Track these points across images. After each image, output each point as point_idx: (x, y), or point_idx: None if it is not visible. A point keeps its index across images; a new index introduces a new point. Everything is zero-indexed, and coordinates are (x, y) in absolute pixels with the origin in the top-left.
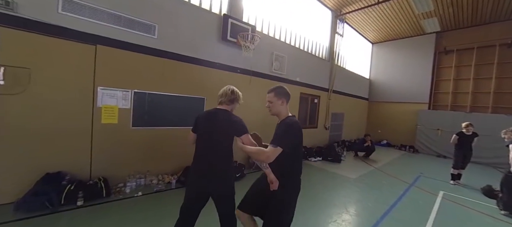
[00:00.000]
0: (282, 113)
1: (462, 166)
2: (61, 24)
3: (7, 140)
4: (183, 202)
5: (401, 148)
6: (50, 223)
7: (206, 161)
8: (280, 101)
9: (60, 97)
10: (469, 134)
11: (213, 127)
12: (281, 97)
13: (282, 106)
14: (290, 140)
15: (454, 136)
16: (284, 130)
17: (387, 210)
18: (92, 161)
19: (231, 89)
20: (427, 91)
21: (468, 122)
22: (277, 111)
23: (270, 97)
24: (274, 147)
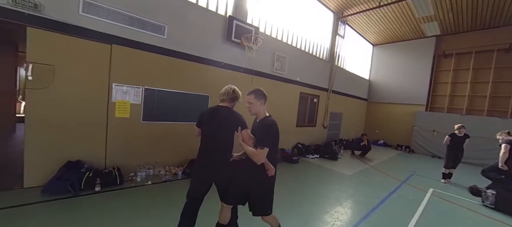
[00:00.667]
0: (261, 113)
1: (453, 165)
2: (81, 24)
3: (35, 130)
4: (189, 188)
5: (397, 148)
6: (73, 205)
7: (210, 154)
8: (259, 102)
9: (79, 92)
10: (461, 136)
11: (216, 123)
12: (260, 98)
13: (260, 106)
14: (272, 139)
15: (447, 137)
16: (266, 131)
17: (378, 203)
18: (107, 151)
19: (232, 88)
20: (425, 93)
21: (461, 124)
22: (256, 111)
23: (250, 98)
24: (262, 149)
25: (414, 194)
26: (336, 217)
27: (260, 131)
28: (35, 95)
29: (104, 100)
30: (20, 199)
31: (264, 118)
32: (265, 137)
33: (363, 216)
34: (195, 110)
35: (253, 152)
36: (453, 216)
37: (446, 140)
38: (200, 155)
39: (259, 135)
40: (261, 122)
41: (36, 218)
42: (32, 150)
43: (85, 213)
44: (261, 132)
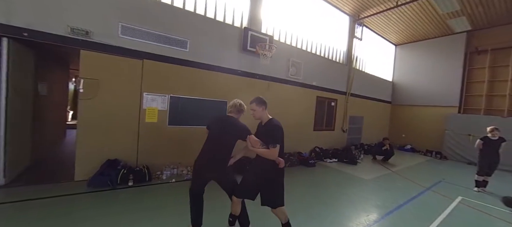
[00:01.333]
0: (264, 116)
1: (487, 172)
2: (120, 45)
3: (84, 133)
4: (190, 186)
5: (426, 153)
6: (112, 196)
7: (208, 155)
8: (261, 108)
9: (117, 101)
10: (495, 139)
11: (223, 128)
12: (261, 105)
13: (263, 112)
14: (281, 137)
15: (478, 141)
16: (274, 131)
17: (394, 208)
18: (138, 151)
19: (239, 102)
20: (457, 94)
21: (494, 126)
22: (259, 116)
23: (253, 106)
24: (274, 147)
25: (438, 201)
26: (348, 217)
27: (270, 132)
28: (84, 104)
29: (137, 107)
30: (71, 189)
31: (269, 120)
32: (276, 136)
33: (375, 219)
34: (214, 115)
35: (267, 152)
36: (480, 226)
37: (478, 144)
38: (201, 154)
39: (270, 135)
40: (267, 124)
41: (84, 205)
42: (82, 149)
43: (121, 203)
44: (271, 133)
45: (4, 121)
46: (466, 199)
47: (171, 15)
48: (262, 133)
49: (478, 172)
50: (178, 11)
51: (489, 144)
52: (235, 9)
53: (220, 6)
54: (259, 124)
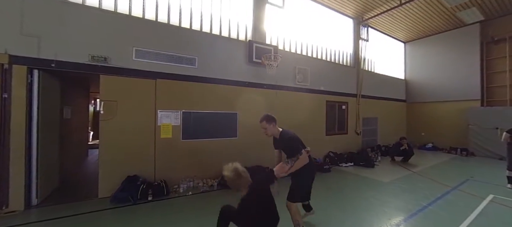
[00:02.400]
0: (275, 132)
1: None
2: (134, 67)
3: (106, 151)
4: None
5: (450, 151)
6: (133, 211)
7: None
8: (272, 125)
9: (134, 119)
10: None
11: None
12: (271, 121)
13: (274, 128)
14: (299, 145)
15: (505, 134)
16: (291, 143)
17: (417, 210)
18: (155, 167)
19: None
20: (477, 86)
21: None
22: (272, 132)
23: (263, 124)
24: (301, 154)
25: (467, 201)
26: (368, 222)
27: (289, 148)
28: (105, 124)
29: (152, 124)
30: (97, 206)
31: (282, 133)
32: (295, 147)
33: (397, 223)
34: (226, 127)
35: (299, 163)
36: None
37: (506, 137)
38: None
39: (290, 149)
40: (281, 137)
41: (109, 220)
42: (104, 167)
43: (142, 217)
44: (290, 147)
45: (36, 147)
46: (498, 197)
47: (179, 35)
48: (282, 148)
49: (508, 167)
50: (186, 31)
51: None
52: (239, 23)
53: (224, 22)
54: (274, 139)
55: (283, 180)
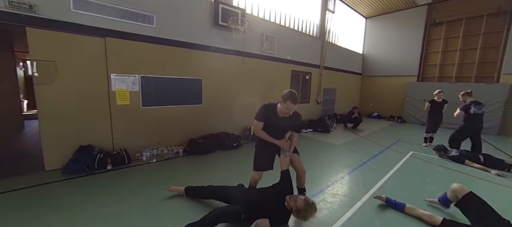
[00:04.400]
0: None
1: (433, 130)
2: (74, 21)
3: (48, 121)
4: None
5: (390, 119)
6: (91, 181)
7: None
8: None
9: (81, 84)
10: (439, 101)
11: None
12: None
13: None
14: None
15: (427, 104)
16: (301, 120)
17: (358, 165)
18: (113, 135)
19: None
20: (416, 64)
21: (440, 90)
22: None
23: (295, 107)
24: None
25: (394, 156)
26: (321, 177)
27: (298, 121)
28: (43, 90)
29: (105, 89)
30: (44, 179)
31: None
32: (302, 122)
33: (342, 176)
34: (190, 94)
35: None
36: (424, 171)
37: (427, 106)
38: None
39: (299, 126)
40: (295, 114)
41: (62, 192)
42: (47, 138)
43: (102, 186)
44: (300, 121)
45: None
46: (416, 153)
47: None
48: (289, 126)
49: (426, 130)
50: None
51: (435, 106)
52: None
53: None
54: (283, 117)
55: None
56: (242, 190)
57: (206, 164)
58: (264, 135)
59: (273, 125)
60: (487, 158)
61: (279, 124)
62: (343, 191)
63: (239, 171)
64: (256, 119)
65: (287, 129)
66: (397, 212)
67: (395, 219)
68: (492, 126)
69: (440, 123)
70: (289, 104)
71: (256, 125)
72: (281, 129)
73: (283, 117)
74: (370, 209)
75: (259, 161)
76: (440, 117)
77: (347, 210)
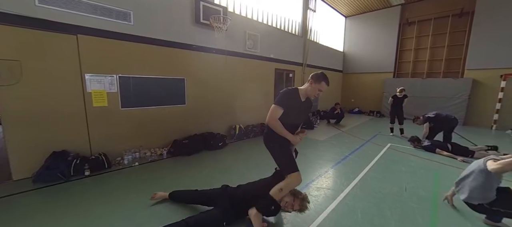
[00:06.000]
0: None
1: (399, 121)
2: (40, 16)
3: (15, 126)
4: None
5: (370, 114)
6: (66, 189)
7: None
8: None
9: (52, 85)
10: (400, 97)
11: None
12: None
13: None
14: None
15: (390, 99)
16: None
17: (341, 159)
18: (90, 139)
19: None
20: (392, 61)
21: (402, 87)
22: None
23: (326, 88)
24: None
25: (374, 149)
26: (306, 171)
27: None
28: (6, 91)
29: (79, 90)
30: (11, 189)
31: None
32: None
33: (326, 170)
34: (173, 94)
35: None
36: (400, 161)
37: (390, 101)
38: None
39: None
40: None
41: (31, 204)
42: (14, 144)
43: (79, 194)
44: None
45: None
46: (393, 144)
47: None
48: (308, 110)
49: (390, 121)
50: None
51: (396, 99)
52: None
53: None
54: (304, 100)
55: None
56: (227, 191)
57: (192, 165)
58: (278, 127)
59: (294, 112)
60: (454, 146)
61: (301, 109)
62: (327, 184)
63: (224, 171)
64: (277, 104)
65: (306, 114)
66: (375, 201)
67: (374, 207)
68: (458, 117)
69: (402, 115)
70: (324, 85)
71: (274, 112)
72: (303, 114)
73: (305, 100)
74: (352, 199)
75: (293, 160)
76: (401, 110)
77: (331, 202)
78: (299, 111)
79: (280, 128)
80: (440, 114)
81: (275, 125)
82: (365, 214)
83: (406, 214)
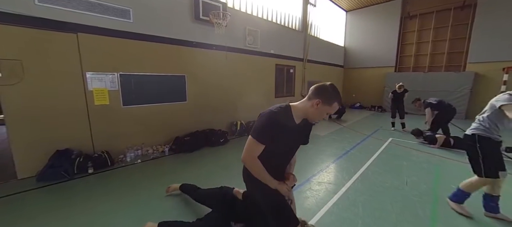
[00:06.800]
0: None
1: (400, 116)
2: (40, 15)
3: (18, 125)
4: None
5: (371, 108)
6: (70, 187)
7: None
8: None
9: (53, 84)
10: (400, 92)
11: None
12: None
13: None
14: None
15: (390, 94)
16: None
17: (343, 154)
18: (92, 137)
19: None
20: (394, 55)
21: (401, 84)
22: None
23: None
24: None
25: (375, 143)
26: (306, 168)
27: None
28: (9, 91)
29: (81, 89)
30: (16, 188)
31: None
32: None
33: (328, 164)
34: (174, 91)
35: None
36: (401, 155)
37: (390, 96)
38: None
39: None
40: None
41: (36, 202)
42: (18, 144)
43: (83, 192)
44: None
45: None
46: (394, 139)
47: None
48: (306, 134)
49: (391, 116)
50: None
51: (396, 95)
52: None
53: None
54: (287, 123)
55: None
56: (224, 196)
57: (193, 162)
58: (257, 169)
59: (284, 142)
60: (456, 140)
61: (295, 136)
62: (328, 179)
63: (226, 167)
64: (256, 138)
65: (301, 141)
66: (376, 195)
67: (375, 200)
68: (460, 111)
69: (403, 109)
70: (336, 106)
71: (251, 148)
72: (297, 142)
73: (301, 123)
74: (353, 193)
75: (286, 211)
76: (401, 105)
77: (333, 196)
78: (292, 139)
79: (260, 171)
80: (443, 101)
81: (251, 166)
82: (366, 208)
83: (407, 207)
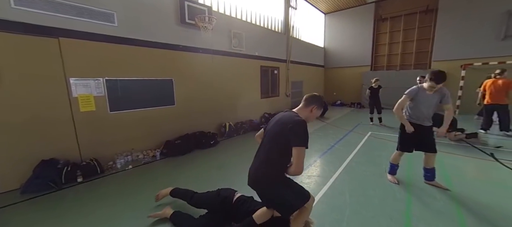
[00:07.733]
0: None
1: (378, 111)
2: (16, 19)
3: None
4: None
5: (351, 105)
6: (58, 197)
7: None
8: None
9: (34, 91)
10: (376, 87)
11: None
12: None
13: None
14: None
15: (367, 91)
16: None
17: (327, 149)
18: (79, 145)
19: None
20: (369, 55)
21: (376, 78)
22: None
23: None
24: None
25: (356, 138)
26: None
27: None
28: None
29: (64, 96)
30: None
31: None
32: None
33: (315, 159)
34: (161, 95)
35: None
36: (379, 147)
37: (367, 93)
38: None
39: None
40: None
41: (24, 213)
42: (0, 154)
43: (74, 201)
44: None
45: None
46: (374, 133)
47: None
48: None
49: (370, 111)
50: None
51: (373, 91)
52: None
53: None
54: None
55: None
56: (221, 198)
57: (185, 164)
58: (300, 169)
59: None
60: None
61: None
62: (316, 172)
63: (218, 167)
64: (306, 146)
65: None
66: (360, 183)
67: (360, 188)
68: None
69: (379, 104)
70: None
71: (303, 156)
72: None
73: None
74: (340, 183)
75: (300, 187)
76: (378, 100)
77: (322, 187)
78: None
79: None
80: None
81: (301, 169)
82: (352, 195)
83: (387, 192)
